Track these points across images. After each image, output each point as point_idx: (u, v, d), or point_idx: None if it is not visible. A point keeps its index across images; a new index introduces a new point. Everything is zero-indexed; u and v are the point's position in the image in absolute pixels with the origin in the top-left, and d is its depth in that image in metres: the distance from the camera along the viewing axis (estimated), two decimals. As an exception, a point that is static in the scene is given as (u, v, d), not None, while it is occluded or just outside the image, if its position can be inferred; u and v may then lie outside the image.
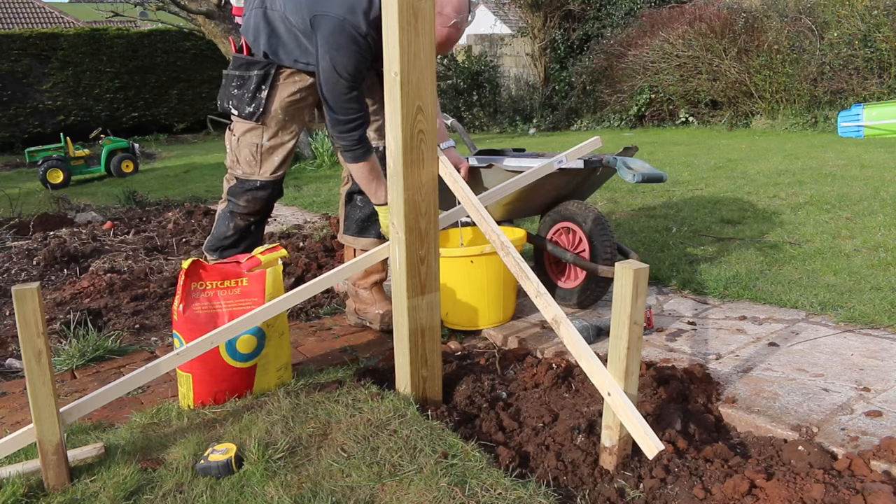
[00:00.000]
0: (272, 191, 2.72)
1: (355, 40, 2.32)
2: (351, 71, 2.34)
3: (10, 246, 4.90)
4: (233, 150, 2.69)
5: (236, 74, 2.60)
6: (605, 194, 5.50)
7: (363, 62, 2.36)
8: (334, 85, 2.36)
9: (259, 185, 2.68)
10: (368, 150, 2.50)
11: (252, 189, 2.69)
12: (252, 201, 2.71)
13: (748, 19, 10.56)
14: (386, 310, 2.84)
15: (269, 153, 2.65)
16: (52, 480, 1.72)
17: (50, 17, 24.46)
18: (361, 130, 2.45)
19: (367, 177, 2.52)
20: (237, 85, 2.60)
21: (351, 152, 2.48)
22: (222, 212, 2.78)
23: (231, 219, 2.75)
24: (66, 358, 2.69)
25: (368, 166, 2.50)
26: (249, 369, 2.22)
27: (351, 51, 2.32)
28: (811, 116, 9.83)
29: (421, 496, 1.58)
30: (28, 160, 9.79)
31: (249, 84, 2.57)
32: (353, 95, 2.40)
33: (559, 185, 2.99)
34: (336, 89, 2.37)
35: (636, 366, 1.68)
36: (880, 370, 2.23)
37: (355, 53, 2.32)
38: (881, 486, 1.54)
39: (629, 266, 1.60)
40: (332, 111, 2.42)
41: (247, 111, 2.58)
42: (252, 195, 2.70)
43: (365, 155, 2.48)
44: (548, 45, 14.15)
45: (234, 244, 2.78)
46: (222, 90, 2.66)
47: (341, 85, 2.36)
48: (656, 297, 3.11)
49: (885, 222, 4.02)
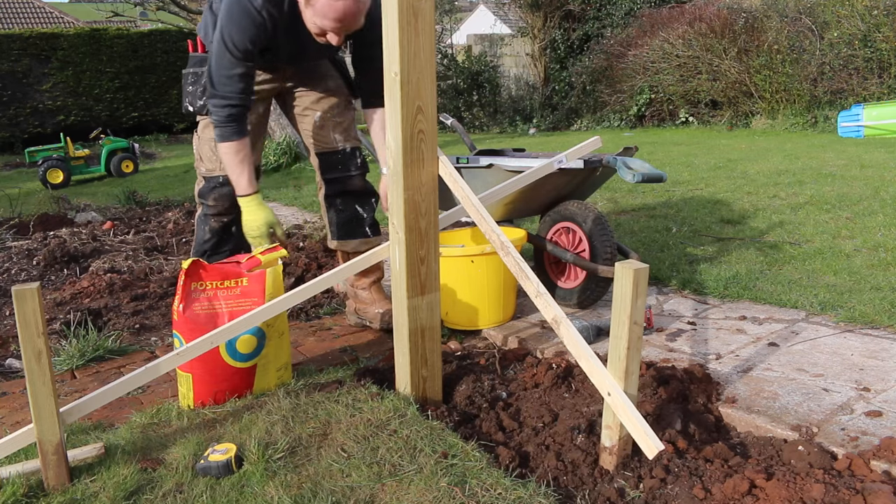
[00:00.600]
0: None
1: (248, 13, 2.27)
2: (238, 45, 2.29)
3: (10, 246, 4.90)
4: (196, 149, 2.72)
5: (192, 72, 2.62)
6: (605, 194, 5.50)
7: (256, 38, 2.31)
8: (220, 56, 2.32)
9: (223, 181, 2.66)
10: (239, 132, 2.41)
11: (217, 185, 2.68)
12: (220, 199, 2.69)
13: (748, 19, 10.56)
14: (386, 308, 2.84)
15: None
16: (52, 480, 1.72)
17: (50, 17, 24.47)
18: (236, 112, 2.38)
19: (233, 160, 2.43)
20: (192, 82, 2.61)
21: (219, 129, 2.40)
22: (198, 217, 2.80)
23: (206, 222, 2.76)
24: (66, 358, 2.69)
25: (235, 148, 2.41)
26: (249, 369, 2.22)
27: (243, 24, 2.27)
28: (811, 116, 9.83)
29: (421, 496, 1.58)
30: (28, 160, 9.81)
31: (202, 79, 2.57)
32: (238, 73, 2.34)
33: (559, 185, 2.99)
34: (221, 61, 2.32)
35: (636, 366, 1.68)
36: (880, 370, 2.23)
37: (247, 28, 2.28)
38: (881, 486, 1.54)
39: (629, 266, 1.60)
40: (211, 82, 2.38)
41: (199, 105, 2.59)
42: (218, 192, 2.68)
43: (233, 136, 2.40)
44: (548, 45, 14.15)
45: (214, 248, 2.77)
46: (182, 91, 2.68)
47: (227, 58, 2.31)
48: (656, 297, 3.11)
49: (885, 222, 4.02)
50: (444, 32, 16.28)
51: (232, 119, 2.38)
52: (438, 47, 14.66)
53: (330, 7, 2.19)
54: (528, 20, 14.54)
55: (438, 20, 15.80)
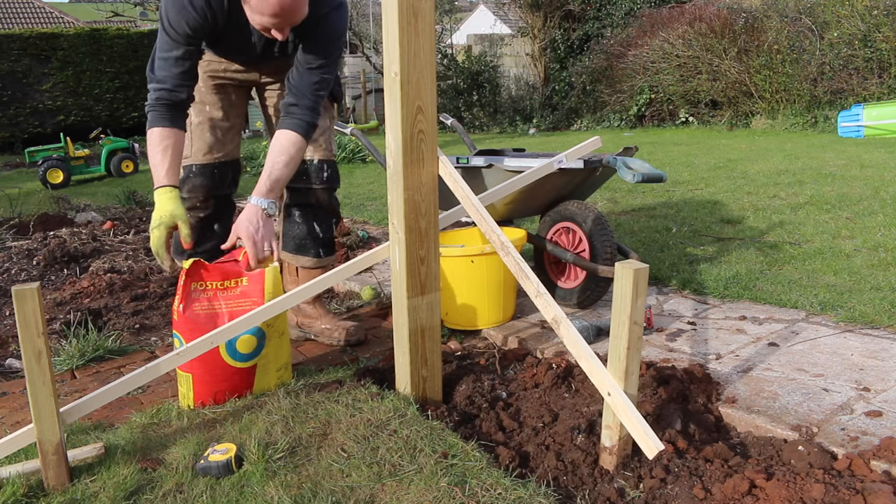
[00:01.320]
0: (208, 179, 2.57)
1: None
2: (175, 26, 2.20)
3: (10, 246, 4.90)
4: None
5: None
6: (605, 194, 5.50)
7: (194, 25, 2.21)
8: (160, 38, 2.24)
9: (194, 172, 2.56)
10: (166, 119, 2.24)
11: (188, 176, 2.56)
12: (193, 191, 2.57)
13: (748, 19, 10.57)
14: (336, 325, 2.77)
15: (201, 130, 2.55)
16: (52, 480, 1.72)
17: (50, 17, 24.47)
18: (168, 97, 2.24)
19: (155, 148, 2.24)
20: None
21: (149, 113, 2.27)
22: None
23: None
24: (66, 358, 2.69)
25: (159, 136, 2.23)
26: (249, 369, 2.22)
27: (179, 5, 2.19)
28: (811, 116, 9.84)
29: (421, 496, 1.58)
30: (28, 160, 9.80)
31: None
32: (174, 56, 2.23)
33: (559, 185, 2.99)
34: (161, 43, 2.24)
35: (636, 366, 1.68)
36: (880, 370, 2.23)
37: (183, 9, 2.19)
38: (881, 486, 1.54)
39: (629, 266, 1.60)
40: (151, 65, 2.27)
41: None
42: (191, 183, 2.56)
43: (159, 122, 2.24)
44: (548, 45, 14.17)
45: (193, 245, 2.53)
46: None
47: (164, 39, 2.23)
48: (656, 297, 3.11)
49: (885, 222, 4.02)
50: (444, 32, 16.29)
51: (161, 104, 2.24)
52: (438, 47, 14.67)
53: (264, 3, 2.09)
54: (528, 20, 14.55)
55: (438, 20, 15.80)
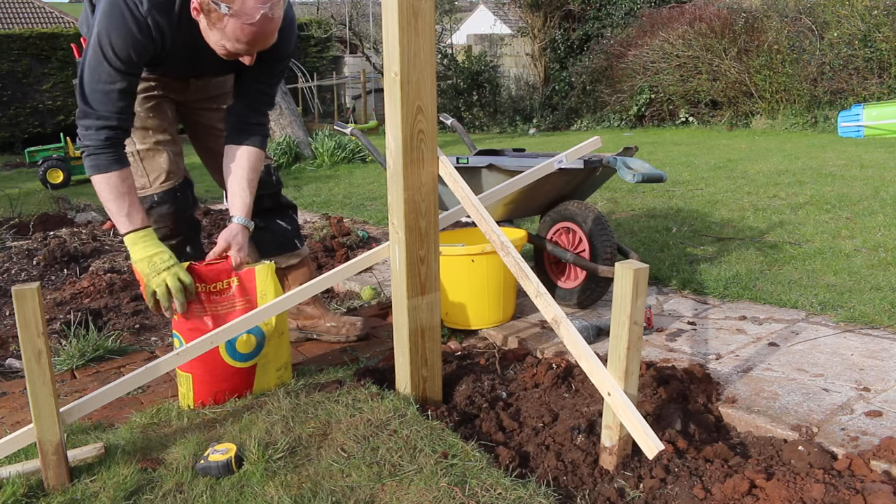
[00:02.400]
0: (172, 204, 2.42)
1: (133, 16, 1.97)
2: (120, 53, 1.96)
3: (10, 246, 4.90)
4: None
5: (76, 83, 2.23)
6: (605, 194, 5.50)
7: (139, 47, 1.99)
8: (97, 67, 1.97)
9: (157, 200, 2.38)
10: (120, 159, 2.05)
11: (153, 206, 2.38)
12: (160, 220, 2.39)
13: (748, 19, 10.58)
14: (343, 321, 2.75)
15: (151, 155, 2.38)
16: (52, 480, 1.72)
17: (50, 17, 24.45)
18: (115, 135, 2.03)
19: (114, 194, 2.03)
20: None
21: (94, 157, 2.01)
22: None
23: None
24: (66, 358, 2.69)
25: (116, 180, 2.03)
26: (249, 369, 2.22)
27: (124, 29, 1.96)
28: (811, 116, 9.84)
29: (421, 496, 1.58)
30: (28, 160, 9.81)
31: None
32: (118, 89, 2.00)
33: (559, 185, 2.99)
34: (98, 73, 1.97)
35: (636, 366, 1.68)
36: (880, 370, 2.23)
37: (129, 35, 1.97)
38: (881, 486, 1.54)
39: (629, 266, 1.60)
40: (84, 99, 2.00)
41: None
42: (157, 213, 2.39)
43: (113, 165, 2.02)
44: (548, 45, 14.17)
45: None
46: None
47: (105, 70, 1.97)
48: (656, 297, 3.11)
49: (885, 222, 4.02)
50: (444, 32, 16.30)
51: (111, 144, 2.02)
52: (438, 47, 14.67)
53: (241, 31, 1.96)
54: (528, 20, 14.56)
55: (438, 20, 15.80)
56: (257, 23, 1.95)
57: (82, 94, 2.01)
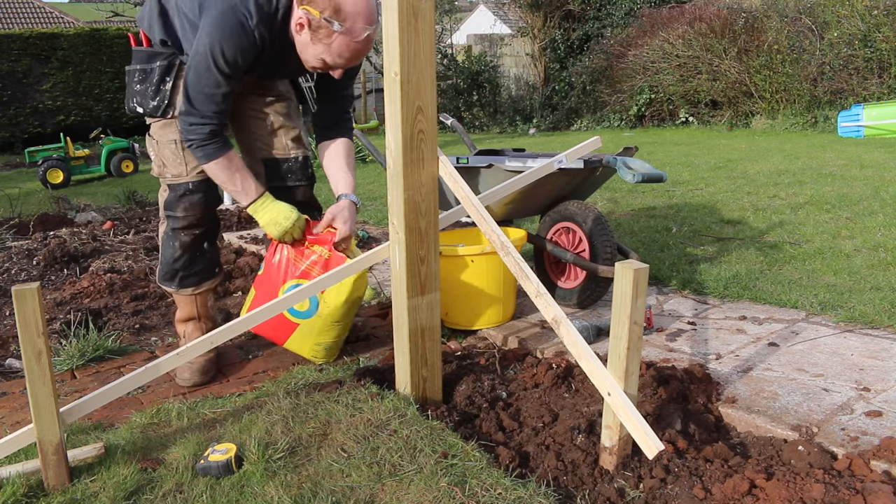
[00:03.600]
0: (206, 194, 2.49)
1: (244, 28, 2.13)
2: (230, 59, 2.13)
3: (10, 246, 4.90)
4: (157, 155, 2.47)
5: (138, 69, 2.41)
6: (605, 194, 5.50)
7: (245, 55, 2.17)
8: (204, 72, 2.15)
9: (191, 189, 2.45)
10: (224, 145, 2.27)
11: (186, 193, 2.45)
12: (190, 208, 2.46)
13: (748, 19, 10.58)
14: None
15: None
16: (52, 480, 1.72)
17: (50, 17, 24.46)
18: (217, 128, 2.24)
19: (226, 174, 2.29)
20: (140, 80, 2.40)
21: (202, 148, 2.23)
22: (164, 234, 2.52)
23: (175, 237, 2.49)
24: (66, 358, 2.69)
25: (224, 163, 2.27)
26: (292, 324, 2.42)
27: (236, 40, 2.13)
28: (811, 116, 9.84)
29: (421, 496, 1.58)
30: (28, 160, 9.81)
31: (152, 77, 2.38)
32: (222, 92, 2.19)
33: (559, 185, 2.99)
34: (205, 78, 2.15)
35: (636, 366, 1.68)
36: (880, 370, 2.23)
37: (240, 46, 2.14)
38: (881, 486, 1.54)
39: (629, 266, 1.60)
40: (189, 102, 2.19)
41: (151, 106, 2.39)
42: (188, 201, 2.45)
43: (219, 151, 2.25)
44: (548, 45, 14.17)
45: (186, 266, 2.52)
46: (127, 90, 2.47)
47: (212, 74, 2.14)
48: (656, 297, 3.11)
49: (885, 222, 4.02)
50: (444, 32, 16.29)
51: (213, 135, 2.23)
52: (438, 47, 14.67)
53: (346, 48, 2.14)
54: (528, 20, 14.55)
55: (438, 20, 15.80)
56: (362, 41, 2.15)
57: (187, 94, 2.20)
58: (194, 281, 2.55)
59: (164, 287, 2.61)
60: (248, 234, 4.89)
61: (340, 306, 2.42)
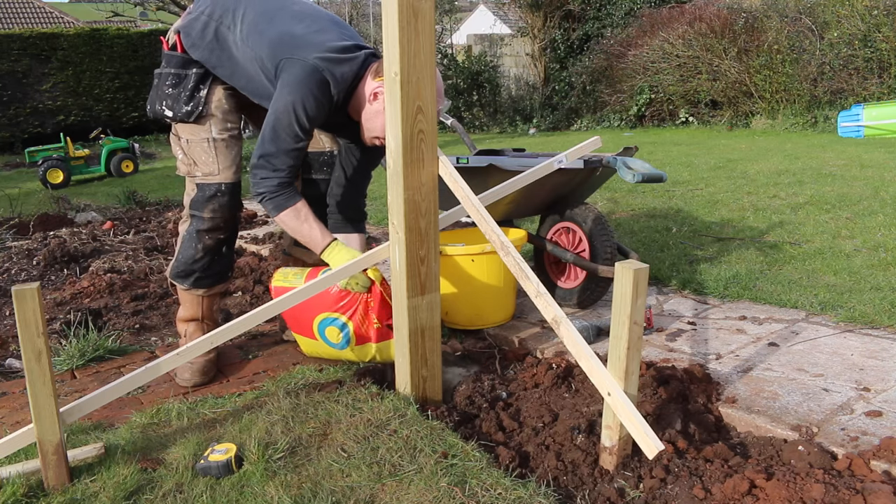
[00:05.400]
0: (233, 198, 2.49)
1: (325, 93, 2.19)
2: (312, 116, 2.19)
3: (10, 246, 4.90)
4: (187, 154, 2.45)
5: (171, 72, 2.41)
6: (605, 194, 5.50)
7: (322, 114, 2.23)
8: (286, 128, 2.18)
9: (223, 190, 2.45)
10: (294, 195, 2.27)
11: (216, 194, 2.44)
12: (217, 210, 2.45)
13: (748, 19, 10.57)
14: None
15: (225, 146, 2.45)
16: (52, 480, 1.72)
17: (50, 17, 24.46)
18: (286, 181, 2.24)
19: (298, 223, 2.27)
20: (172, 84, 2.41)
21: (273, 200, 2.24)
22: (187, 232, 2.50)
23: (198, 239, 2.47)
24: (66, 358, 2.68)
25: (294, 213, 2.25)
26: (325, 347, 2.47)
27: (320, 101, 2.19)
28: (811, 116, 9.83)
29: (421, 496, 1.58)
30: (28, 160, 9.79)
31: (187, 82, 2.39)
32: (299, 147, 2.22)
33: (559, 186, 2.99)
34: (285, 134, 2.18)
35: (636, 366, 1.68)
36: (880, 370, 2.23)
37: (322, 106, 2.20)
38: (881, 486, 1.54)
39: (629, 266, 1.60)
40: (264, 156, 2.21)
41: (183, 111, 2.40)
42: (217, 202, 2.44)
43: (290, 201, 2.25)
44: (548, 45, 14.16)
45: (205, 269, 2.52)
46: (154, 91, 2.46)
47: (293, 131, 2.18)
48: (656, 297, 3.11)
49: (885, 222, 4.02)
50: (444, 32, 16.28)
51: (282, 187, 2.23)
52: (438, 47, 14.66)
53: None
54: (528, 20, 14.54)
55: (438, 20, 15.80)
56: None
57: (266, 152, 2.21)
58: (209, 283, 2.55)
59: (175, 282, 2.59)
60: (248, 234, 4.90)
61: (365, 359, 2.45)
